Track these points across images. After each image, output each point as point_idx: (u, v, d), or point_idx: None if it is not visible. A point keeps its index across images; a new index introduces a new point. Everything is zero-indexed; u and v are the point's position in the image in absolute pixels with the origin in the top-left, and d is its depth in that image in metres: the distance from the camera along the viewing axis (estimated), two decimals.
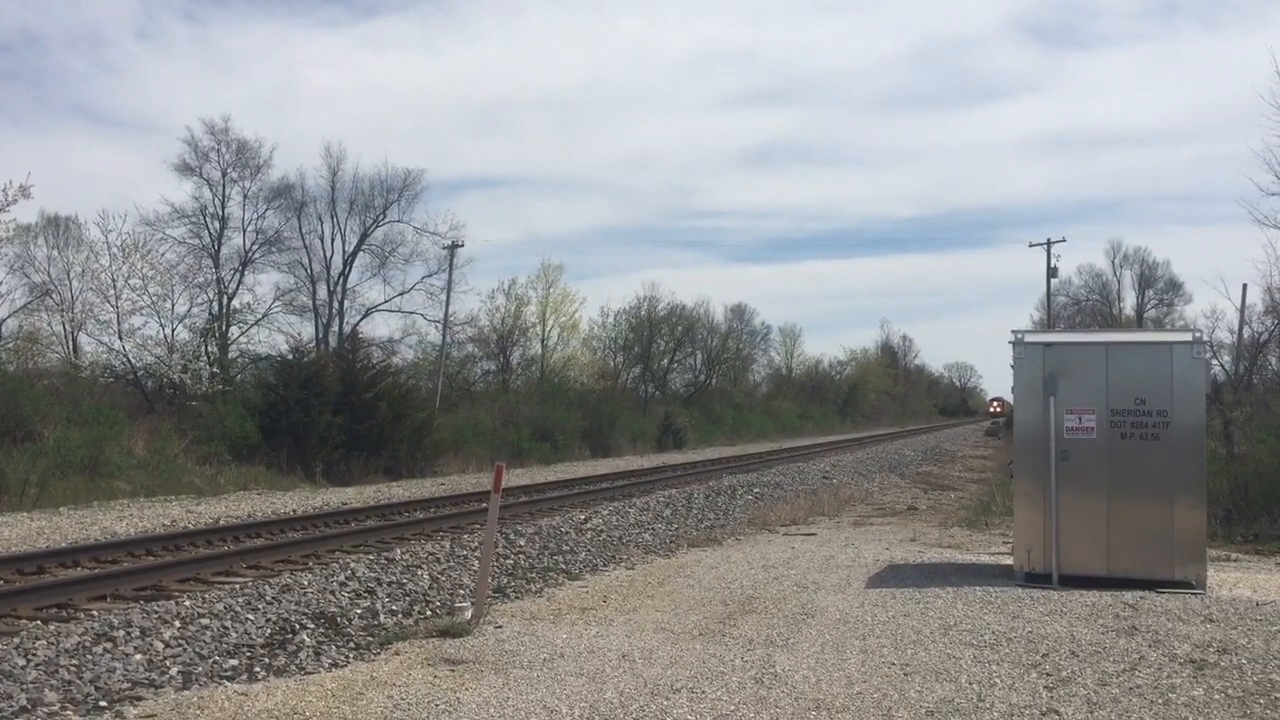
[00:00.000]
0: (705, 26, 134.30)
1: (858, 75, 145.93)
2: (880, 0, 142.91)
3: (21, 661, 6.52)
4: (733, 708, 5.88)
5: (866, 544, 13.36)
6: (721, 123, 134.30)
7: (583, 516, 15.32)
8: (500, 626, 8.10)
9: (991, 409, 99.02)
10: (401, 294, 44.99)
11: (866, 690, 6.26)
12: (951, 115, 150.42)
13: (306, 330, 42.23)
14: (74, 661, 6.62)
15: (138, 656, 6.87)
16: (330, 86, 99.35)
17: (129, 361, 30.14)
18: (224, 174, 39.33)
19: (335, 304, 44.45)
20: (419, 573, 10.35)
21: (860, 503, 20.49)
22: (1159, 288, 69.14)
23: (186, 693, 6.21)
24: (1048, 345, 10.33)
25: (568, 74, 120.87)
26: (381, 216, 45.35)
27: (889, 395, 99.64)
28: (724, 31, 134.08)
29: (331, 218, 44.84)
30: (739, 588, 9.87)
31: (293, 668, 6.95)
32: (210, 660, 7.00)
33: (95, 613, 8.33)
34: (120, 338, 30.12)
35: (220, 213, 39.08)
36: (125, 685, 6.34)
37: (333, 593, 9.13)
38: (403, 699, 6.02)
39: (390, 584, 9.77)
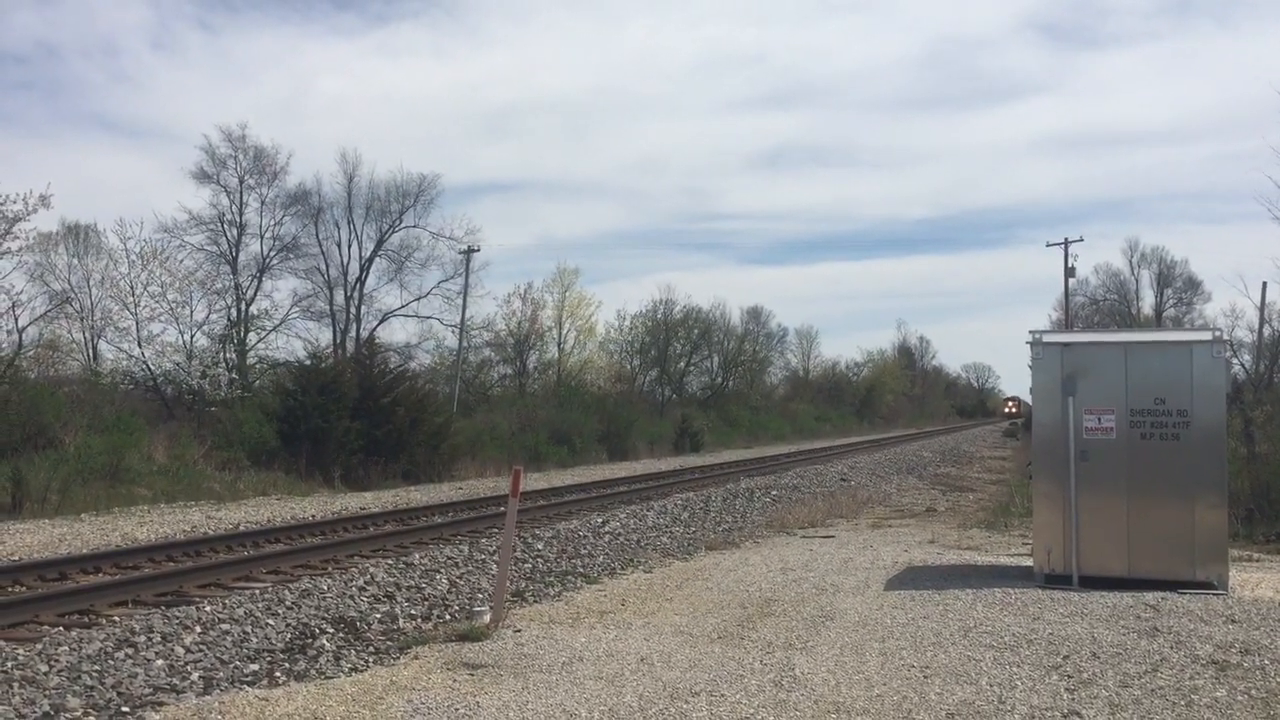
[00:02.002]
0: (713, 30, 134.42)
1: (868, 77, 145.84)
2: (890, 1, 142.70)
3: (44, 667, 6.57)
4: (752, 711, 5.88)
5: (885, 546, 13.32)
6: (732, 125, 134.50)
7: (600, 520, 15.32)
8: (519, 630, 8.12)
9: (1007, 409, 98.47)
10: (418, 299, 45.18)
11: (886, 693, 6.24)
12: (964, 116, 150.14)
13: (324, 336, 42.45)
14: (96, 667, 6.67)
15: (159, 662, 6.92)
16: (343, 94, 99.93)
17: (148, 368, 30.34)
18: (241, 181, 39.54)
19: (352, 309, 44.64)
20: (437, 577, 10.38)
21: (878, 505, 20.43)
22: (1177, 286, 68.82)
23: (208, 698, 6.24)
24: (1066, 345, 10.29)
25: (578, 79, 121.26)
26: (397, 222, 45.52)
27: (906, 396, 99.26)
28: (732, 35, 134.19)
29: (348, 223, 45.03)
30: (757, 590, 9.86)
31: (313, 672, 6.98)
32: (231, 665, 7.03)
33: (117, 618, 8.39)
34: (139, 344, 30.33)
35: (238, 219, 39.29)
36: (147, 691, 6.38)
37: (352, 597, 9.17)
38: (422, 703, 6.04)
39: (409, 588, 9.79)
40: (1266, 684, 6.44)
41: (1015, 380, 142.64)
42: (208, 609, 8.28)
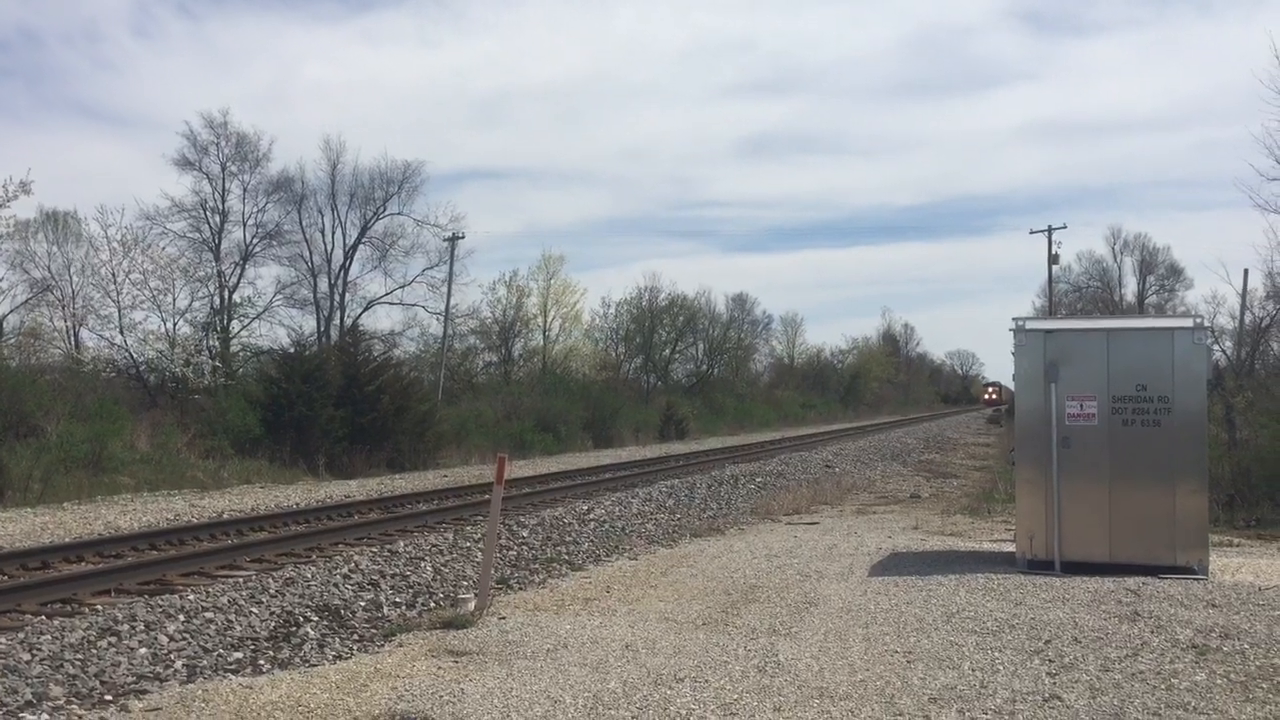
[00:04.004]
0: (701, 18, 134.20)
1: (855, 64, 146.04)
2: None
3: (27, 656, 6.54)
4: (736, 696, 5.90)
5: (869, 532, 13.38)
6: (719, 113, 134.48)
7: (585, 507, 15.33)
8: (504, 618, 8.12)
9: (986, 396, 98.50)
10: (403, 286, 45.01)
11: (869, 678, 6.27)
12: (949, 103, 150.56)
13: (308, 323, 42.26)
14: (79, 656, 6.64)
15: (142, 650, 6.90)
16: (327, 81, 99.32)
17: (131, 356, 30.16)
18: (223, 168, 39.26)
19: (336, 297, 44.42)
20: (422, 565, 10.37)
21: (863, 491, 20.50)
22: (1160, 273, 68.97)
23: (191, 686, 6.23)
24: (1049, 332, 10.33)
25: (565, 66, 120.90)
26: (381, 209, 45.28)
27: (891, 384, 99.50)
28: (720, 23, 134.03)
29: (332, 211, 44.76)
30: (742, 577, 9.89)
31: (297, 660, 6.97)
32: (215, 653, 7.02)
33: (100, 607, 8.36)
34: (122, 332, 30.12)
35: (220, 206, 39.02)
36: (130, 679, 6.36)
37: (336, 585, 9.15)
38: (407, 690, 6.04)
39: (393, 576, 9.78)
40: (1246, 667, 6.50)
41: (999, 367, 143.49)
42: (191, 597, 8.26)
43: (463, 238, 44.71)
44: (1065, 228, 51.52)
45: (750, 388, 69.24)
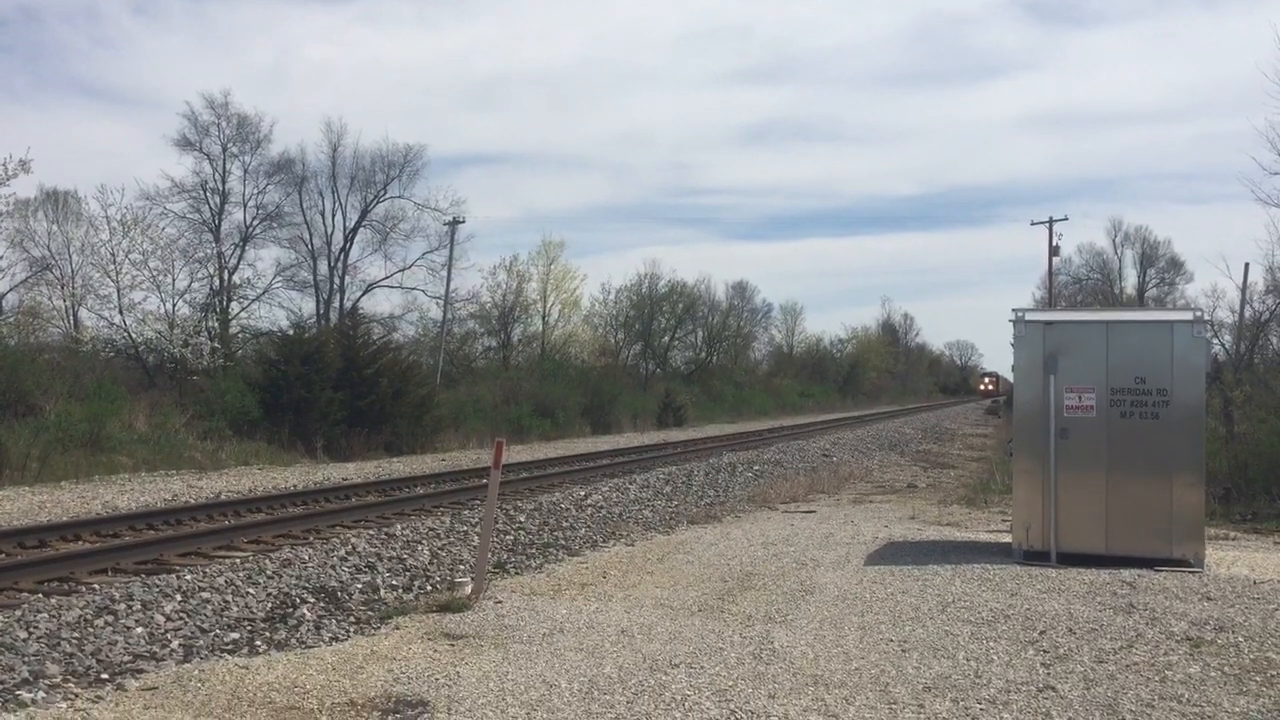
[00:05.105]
0: (699, 3, 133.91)
1: (854, 52, 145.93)
2: None
3: (23, 634, 6.55)
4: (731, 683, 5.91)
5: (866, 521, 13.40)
6: (718, 100, 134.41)
7: (583, 493, 15.34)
8: (500, 602, 8.14)
9: (983, 386, 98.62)
10: (402, 270, 45.07)
11: (864, 666, 6.28)
12: (950, 93, 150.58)
13: (307, 306, 42.35)
14: (75, 634, 6.65)
15: (139, 630, 6.90)
16: (328, 62, 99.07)
17: (130, 336, 30.14)
18: (224, 149, 39.27)
19: (336, 280, 44.46)
20: (419, 548, 10.38)
21: (860, 480, 20.53)
22: (1160, 266, 69.02)
23: (187, 665, 6.24)
24: (1048, 323, 10.33)
25: (564, 51, 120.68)
26: (382, 192, 45.31)
27: (890, 373, 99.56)
28: (718, 8, 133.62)
29: (332, 193, 44.78)
30: (738, 564, 9.90)
31: (293, 642, 6.98)
32: (211, 634, 7.03)
33: (97, 586, 8.36)
34: (121, 312, 30.11)
35: (220, 188, 39.02)
36: (127, 658, 6.37)
37: (333, 567, 9.16)
38: (402, 673, 6.05)
39: (390, 559, 9.80)
40: (1240, 660, 6.52)
41: (998, 358, 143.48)
42: (188, 577, 8.27)
43: (463, 222, 44.83)
44: (1066, 219, 51.55)
45: (749, 376, 69.25)
